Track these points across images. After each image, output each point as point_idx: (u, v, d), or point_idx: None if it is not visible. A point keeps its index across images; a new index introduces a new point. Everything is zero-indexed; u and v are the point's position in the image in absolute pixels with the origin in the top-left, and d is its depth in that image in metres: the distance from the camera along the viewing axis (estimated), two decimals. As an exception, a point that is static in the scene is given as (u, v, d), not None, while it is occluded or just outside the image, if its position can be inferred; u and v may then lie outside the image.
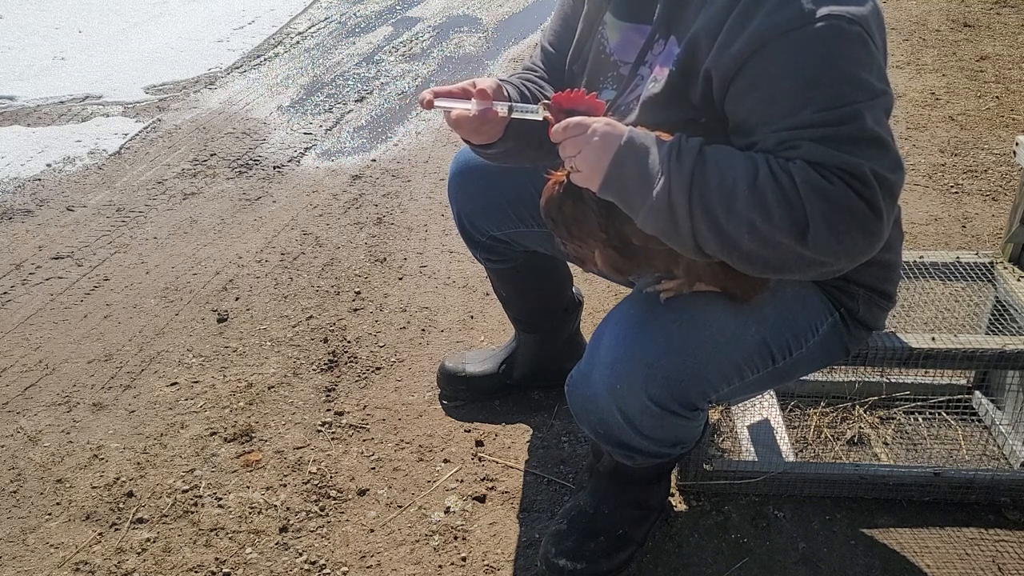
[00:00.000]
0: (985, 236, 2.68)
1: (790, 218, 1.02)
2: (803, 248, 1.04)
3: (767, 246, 1.05)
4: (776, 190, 1.02)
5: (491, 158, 1.45)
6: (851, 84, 1.05)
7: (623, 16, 1.33)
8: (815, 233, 1.02)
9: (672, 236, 1.10)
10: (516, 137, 1.35)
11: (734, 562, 1.53)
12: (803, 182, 1.02)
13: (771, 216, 1.02)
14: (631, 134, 1.12)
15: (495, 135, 1.32)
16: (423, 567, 1.55)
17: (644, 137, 1.12)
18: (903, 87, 3.95)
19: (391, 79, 4.38)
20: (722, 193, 1.04)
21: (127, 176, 3.27)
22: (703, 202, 1.05)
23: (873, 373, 1.91)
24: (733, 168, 1.05)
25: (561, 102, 1.18)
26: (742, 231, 1.04)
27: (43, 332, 2.28)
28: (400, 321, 2.30)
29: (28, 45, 5.01)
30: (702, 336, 1.24)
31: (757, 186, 1.03)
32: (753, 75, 1.08)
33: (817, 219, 1.02)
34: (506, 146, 1.37)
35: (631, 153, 1.10)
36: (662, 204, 1.07)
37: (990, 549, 1.55)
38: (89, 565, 1.56)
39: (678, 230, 1.08)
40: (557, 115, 1.18)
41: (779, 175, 1.03)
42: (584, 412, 1.33)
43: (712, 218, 1.05)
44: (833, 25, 1.05)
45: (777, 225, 1.03)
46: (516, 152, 1.40)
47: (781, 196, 1.02)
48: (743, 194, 1.03)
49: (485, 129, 1.29)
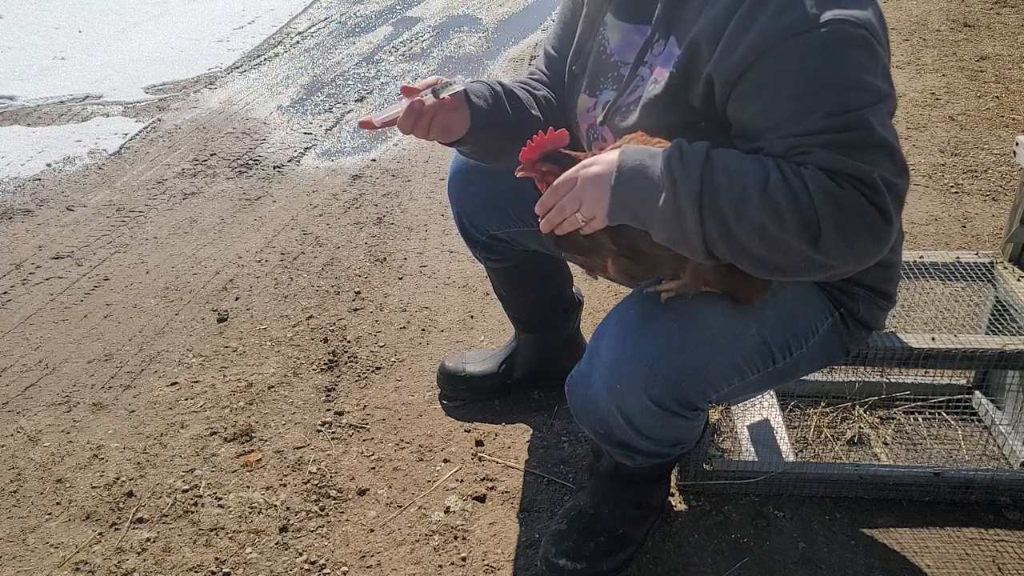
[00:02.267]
0: (985, 236, 2.68)
1: (802, 223, 1.02)
2: (814, 252, 1.04)
3: (778, 250, 1.05)
4: (788, 195, 1.02)
5: (478, 157, 1.47)
6: (857, 89, 1.05)
7: (623, 16, 1.33)
8: (827, 238, 1.03)
9: (682, 243, 1.10)
10: (488, 130, 1.36)
11: (734, 562, 1.53)
12: (816, 187, 1.02)
13: (783, 220, 1.03)
14: (620, 162, 1.12)
15: (461, 129, 1.33)
16: (423, 567, 1.55)
17: (636, 155, 1.12)
18: (903, 87, 3.95)
19: (391, 79, 4.38)
20: (732, 197, 1.04)
21: (127, 176, 3.27)
22: (713, 207, 1.05)
23: (873, 373, 1.91)
24: (743, 173, 1.05)
25: (528, 156, 1.19)
26: (753, 235, 1.04)
27: (43, 332, 2.28)
28: (400, 321, 2.30)
29: (28, 45, 5.01)
30: (702, 336, 1.24)
31: (768, 190, 1.03)
32: (757, 80, 1.08)
33: (829, 224, 1.02)
34: (479, 140, 1.38)
35: (626, 179, 1.11)
36: (669, 214, 1.07)
37: (990, 549, 1.55)
38: (89, 565, 1.56)
39: (687, 236, 1.08)
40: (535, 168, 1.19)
41: (791, 180, 1.03)
42: (584, 412, 1.33)
43: (723, 222, 1.05)
44: (838, 29, 1.05)
45: (789, 229, 1.03)
46: (500, 149, 1.41)
47: (793, 201, 1.02)
48: (754, 198, 1.03)
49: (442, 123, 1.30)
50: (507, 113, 1.39)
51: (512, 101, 1.41)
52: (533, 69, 1.56)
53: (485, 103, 1.36)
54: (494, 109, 1.37)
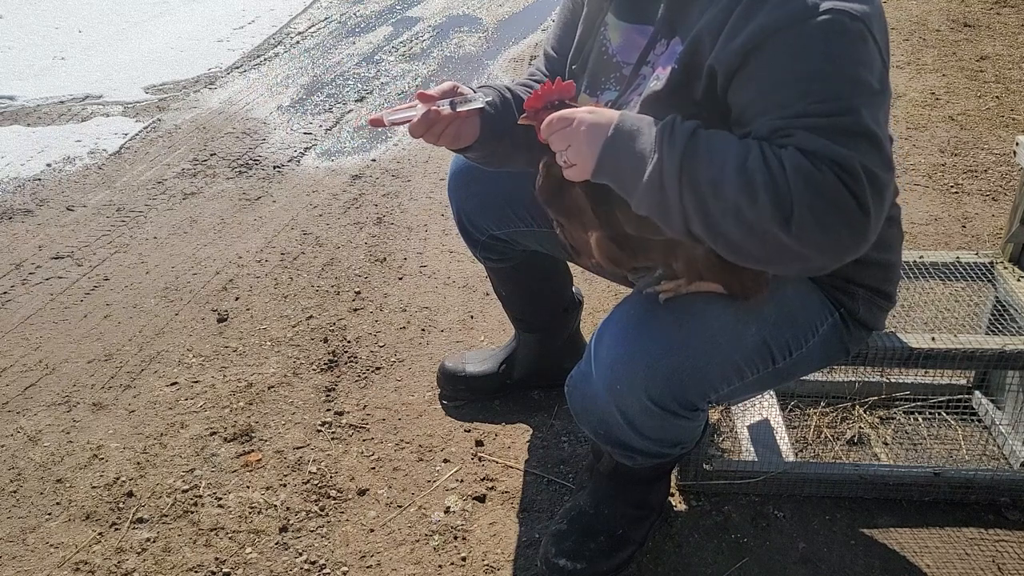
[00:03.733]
0: (985, 236, 2.68)
1: (775, 203, 1.00)
2: (786, 236, 1.01)
3: (753, 233, 1.03)
4: (764, 173, 1.01)
5: (484, 163, 1.47)
6: (850, 81, 1.05)
7: (625, 17, 1.33)
8: (799, 220, 1.00)
9: (663, 217, 1.09)
10: (496, 138, 1.37)
11: (734, 562, 1.53)
12: (792, 168, 1.01)
13: (756, 199, 1.01)
14: (620, 120, 1.12)
15: (470, 138, 1.34)
16: (423, 567, 1.55)
17: (635, 120, 1.12)
18: (903, 87, 3.95)
19: (391, 79, 4.38)
20: (710, 174, 1.03)
21: (127, 176, 3.27)
22: (692, 182, 1.04)
23: (873, 373, 1.91)
24: (724, 151, 1.04)
25: (533, 103, 1.19)
26: (728, 214, 1.03)
27: (43, 332, 2.28)
28: (400, 321, 2.30)
29: (28, 45, 5.01)
30: (702, 336, 1.24)
31: (746, 168, 1.02)
32: (754, 67, 1.08)
33: (803, 206, 1.00)
34: (487, 148, 1.38)
35: (621, 139, 1.11)
36: (654, 184, 1.07)
37: (990, 549, 1.55)
38: (89, 565, 1.56)
39: (668, 210, 1.07)
40: (538, 117, 1.19)
41: (769, 159, 1.02)
42: (584, 412, 1.33)
43: (700, 199, 1.04)
44: (835, 20, 1.05)
45: (761, 209, 1.01)
46: (505, 155, 1.41)
47: (768, 179, 1.01)
48: (731, 176, 1.02)
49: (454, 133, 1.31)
50: (515, 119, 1.40)
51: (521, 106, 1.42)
52: (533, 70, 1.56)
53: (495, 111, 1.37)
54: (503, 118, 1.38)
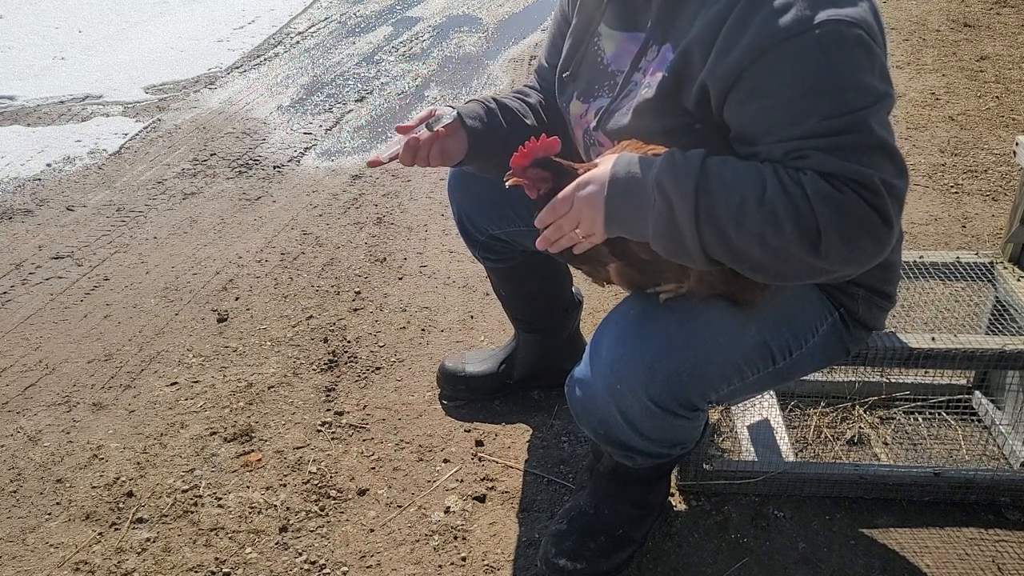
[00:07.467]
0: (985, 236, 2.68)
1: (801, 230, 1.02)
2: (815, 259, 1.04)
3: (779, 257, 1.05)
4: (786, 203, 1.02)
5: (483, 173, 1.51)
6: (854, 90, 1.04)
7: (617, 26, 1.33)
8: (827, 244, 1.02)
9: (680, 255, 1.11)
10: (486, 148, 1.41)
11: (734, 562, 1.53)
12: (815, 194, 1.02)
13: (782, 229, 1.02)
14: (613, 175, 1.12)
15: (460, 153, 1.40)
16: (423, 567, 1.55)
17: (629, 168, 1.12)
18: (903, 87, 3.95)
19: (391, 79, 4.38)
20: (730, 209, 1.04)
21: (127, 176, 3.27)
22: (711, 219, 1.05)
23: (873, 373, 1.91)
24: (740, 183, 1.04)
25: (520, 161, 1.19)
26: (753, 244, 1.04)
27: (43, 332, 2.28)
28: (400, 321, 2.30)
29: (28, 45, 5.01)
30: (702, 336, 1.24)
31: (766, 200, 1.02)
32: (752, 85, 1.07)
33: (829, 230, 1.02)
34: (479, 160, 1.44)
35: (620, 195, 1.11)
36: (664, 228, 1.08)
37: (990, 549, 1.55)
38: (89, 565, 1.56)
39: (685, 248, 1.08)
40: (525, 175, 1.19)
41: (789, 187, 1.03)
42: (584, 412, 1.33)
43: (722, 234, 1.05)
44: (832, 30, 1.04)
45: (789, 237, 1.03)
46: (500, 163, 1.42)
47: (792, 208, 1.02)
48: (752, 209, 1.03)
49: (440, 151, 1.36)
50: (503, 128, 1.42)
51: (507, 115, 1.45)
52: (529, 80, 1.60)
53: (480, 123, 1.40)
54: (490, 128, 1.41)
